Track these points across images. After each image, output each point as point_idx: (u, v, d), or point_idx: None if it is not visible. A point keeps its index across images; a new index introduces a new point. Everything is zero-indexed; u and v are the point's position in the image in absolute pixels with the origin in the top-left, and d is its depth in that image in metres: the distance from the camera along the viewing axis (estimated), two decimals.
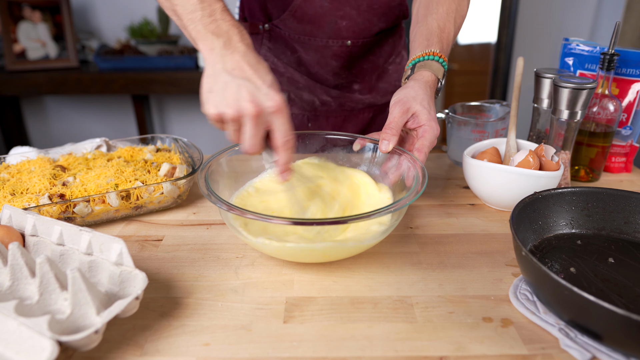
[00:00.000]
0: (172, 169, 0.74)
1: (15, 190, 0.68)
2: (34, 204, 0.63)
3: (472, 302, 0.51)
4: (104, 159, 0.78)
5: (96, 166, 0.75)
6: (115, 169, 0.72)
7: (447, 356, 0.44)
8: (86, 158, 0.80)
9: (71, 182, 0.70)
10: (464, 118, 0.89)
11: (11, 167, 0.77)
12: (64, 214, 0.64)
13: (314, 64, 0.96)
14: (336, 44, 0.92)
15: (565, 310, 0.44)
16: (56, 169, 0.74)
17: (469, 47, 3.46)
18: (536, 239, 0.58)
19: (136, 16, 2.33)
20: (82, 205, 0.64)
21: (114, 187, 0.67)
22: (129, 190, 0.67)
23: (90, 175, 0.71)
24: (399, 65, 1.03)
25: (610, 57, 0.76)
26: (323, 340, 0.46)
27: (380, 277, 0.56)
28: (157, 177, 0.72)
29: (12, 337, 0.40)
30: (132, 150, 0.82)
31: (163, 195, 0.69)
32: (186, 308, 0.50)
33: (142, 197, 0.68)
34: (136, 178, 0.70)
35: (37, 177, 0.71)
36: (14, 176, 0.73)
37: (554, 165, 0.69)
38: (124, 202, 0.67)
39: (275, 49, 0.97)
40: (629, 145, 0.85)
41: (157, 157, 0.81)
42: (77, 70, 2.13)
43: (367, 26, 0.92)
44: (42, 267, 0.46)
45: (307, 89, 0.99)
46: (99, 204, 0.65)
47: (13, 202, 0.64)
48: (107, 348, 0.45)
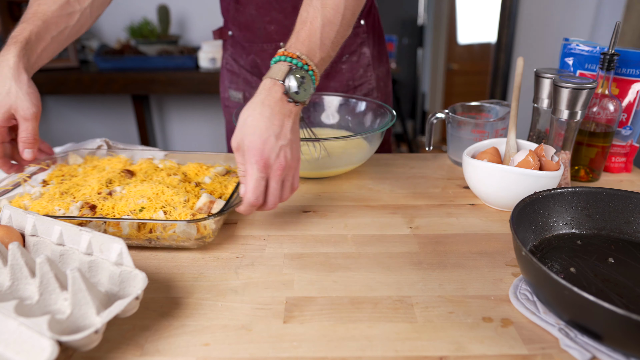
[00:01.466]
0: (210, 203, 0.63)
1: (69, 189, 0.66)
2: (63, 210, 0.61)
3: (472, 302, 0.51)
4: (166, 172, 0.71)
5: (152, 179, 0.69)
6: (158, 189, 0.64)
7: (447, 356, 0.44)
8: (156, 167, 0.74)
9: (117, 192, 0.66)
10: (464, 118, 0.89)
11: (93, 161, 0.76)
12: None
13: (262, 66, 1.02)
14: (270, 47, 0.97)
15: (565, 310, 0.45)
16: (122, 173, 0.71)
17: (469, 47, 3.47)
18: (536, 239, 0.58)
19: (136, 16, 2.33)
20: (94, 224, 0.60)
21: (139, 210, 0.61)
22: (142, 221, 0.59)
23: (133, 191, 0.65)
24: (356, 63, 1.02)
25: (610, 57, 0.76)
26: (323, 340, 0.46)
27: (380, 277, 0.56)
28: (192, 209, 0.63)
29: (12, 337, 0.40)
30: (200, 168, 0.74)
31: (176, 234, 0.59)
32: (186, 308, 0.50)
33: (155, 231, 0.60)
34: (163, 206, 0.62)
35: (96, 179, 0.68)
36: (86, 172, 0.72)
37: (554, 165, 0.69)
38: (134, 230, 0.60)
39: (235, 53, 1.05)
40: (629, 145, 0.85)
41: (217, 181, 0.71)
42: (77, 70, 2.13)
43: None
44: (42, 267, 0.46)
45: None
46: (113, 226, 0.60)
47: (53, 203, 0.62)
48: (107, 348, 0.45)
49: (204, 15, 2.37)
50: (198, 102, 2.55)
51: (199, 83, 2.10)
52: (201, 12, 2.37)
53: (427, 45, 3.59)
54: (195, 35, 2.41)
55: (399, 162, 0.93)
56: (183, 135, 2.64)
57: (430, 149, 0.97)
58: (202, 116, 2.58)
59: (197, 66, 2.17)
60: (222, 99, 1.13)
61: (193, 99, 2.55)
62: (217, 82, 2.09)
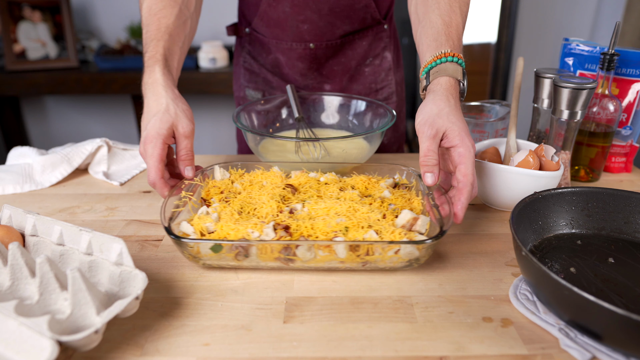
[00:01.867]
0: (412, 220, 0.58)
1: (243, 207, 0.62)
2: (257, 233, 0.55)
3: (472, 302, 0.51)
4: (336, 187, 0.67)
5: (327, 195, 0.65)
6: (348, 206, 0.60)
7: (447, 356, 0.44)
8: (318, 181, 0.70)
9: (298, 210, 0.61)
10: (464, 118, 0.89)
11: (245, 177, 0.71)
12: (284, 253, 0.54)
13: (284, 65, 1.00)
14: (300, 47, 0.96)
15: (565, 310, 0.44)
16: (286, 189, 0.66)
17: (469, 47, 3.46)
18: (536, 239, 0.58)
19: (136, 16, 2.33)
20: (305, 247, 0.54)
21: (343, 230, 0.55)
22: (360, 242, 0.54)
23: (320, 207, 0.61)
24: (378, 67, 1.03)
25: (610, 57, 0.76)
26: (323, 340, 0.46)
27: (380, 277, 0.56)
28: (394, 226, 0.57)
29: (12, 337, 0.40)
30: (368, 182, 0.70)
31: (397, 256, 0.54)
32: (186, 308, 0.50)
33: (374, 253, 0.54)
34: (370, 224, 0.57)
35: (267, 195, 0.63)
36: (246, 188, 0.67)
37: (554, 165, 0.69)
38: (350, 253, 0.54)
39: (254, 51, 1.03)
40: (629, 145, 0.85)
41: (400, 195, 0.66)
42: (77, 70, 2.13)
43: (330, 29, 0.93)
44: (42, 267, 0.46)
45: (279, 89, 1.03)
46: (323, 249, 0.54)
47: (240, 222, 0.57)
48: (107, 348, 0.45)
49: (204, 15, 2.36)
50: (198, 102, 2.55)
51: (199, 83, 2.10)
52: (201, 12, 2.36)
53: None
54: (196, 35, 2.41)
55: (399, 162, 0.93)
56: None
57: None
58: (202, 116, 2.58)
59: (197, 66, 2.17)
60: (237, 98, 1.10)
61: (193, 99, 2.55)
62: (217, 82, 2.09)
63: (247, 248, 0.54)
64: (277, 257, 0.55)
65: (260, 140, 0.85)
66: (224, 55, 2.16)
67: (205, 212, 0.61)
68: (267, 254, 0.54)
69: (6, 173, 0.81)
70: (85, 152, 0.85)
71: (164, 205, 0.58)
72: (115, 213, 0.72)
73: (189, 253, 0.55)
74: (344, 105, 0.97)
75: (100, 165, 0.86)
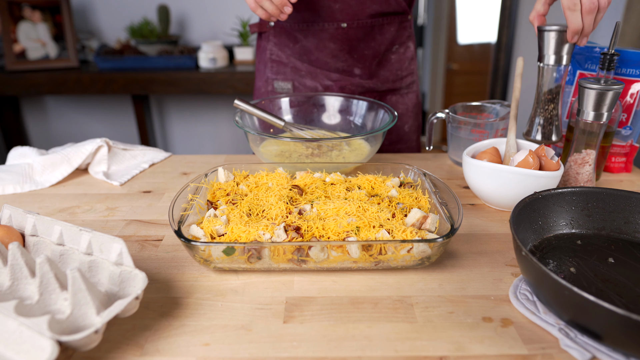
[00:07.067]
0: (422, 218, 0.59)
1: (251, 209, 0.62)
2: (269, 235, 0.55)
3: (472, 302, 0.51)
4: (343, 187, 0.68)
5: (334, 195, 0.66)
6: (357, 205, 0.60)
7: (447, 356, 0.44)
8: (323, 181, 0.70)
9: (307, 211, 0.61)
10: (464, 118, 0.89)
11: (250, 179, 0.71)
12: (297, 254, 0.54)
13: (314, 50, 1.02)
14: (332, 27, 0.98)
15: (565, 310, 0.44)
16: (293, 190, 0.66)
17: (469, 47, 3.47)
18: (536, 239, 0.58)
19: (136, 16, 2.33)
20: (318, 248, 0.54)
21: (355, 230, 0.56)
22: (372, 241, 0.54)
23: (329, 208, 0.61)
24: (402, 55, 1.07)
25: (610, 57, 0.76)
26: (323, 340, 0.46)
27: (380, 277, 0.56)
28: (404, 225, 0.58)
29: (12, 337, 0.40)
30: (375, 181, 0.70)
31: (410, 254, 0.55)
32: (186, 308, 0.50)
33: (386, 252, 0.55)
34: (381, 224, 0.57)
35: (274, 197, 0.63)
36: (252, 190, 0.67)
37: (554, 165, 0.69)
38: (363, 252, 0.54)
39: (280, 43, 1.06)
40: (629, 145, 0.85)
41: (407, 194, 0.66)
42: (77, 70, 2.13)
43: (361, 8, 0.96)
44: (42, 267, 0.46)
45: (309, 75, 1.05)
46: (336, 249, 0.54)
47: (250, 224, 0.57)
48: (107, 348, 0.45)
49: (204, 15, 2.37)
50: (198, 102, 2.55)
51: (199, 83, 2.10)
52: (201, 12, 2.37)
53: (427, 45, 3.60)
54: (195, 35, 2.41)
55: (399, 161, 0.93)
56: (183, 135, 2.64)
57: (430, 149, 0.97)
58: (202, 116, 2.58)
59: (197, 66, 2.17)
60: (263, 94, 1.09)
61: (193, 99, 2.55)
62: (217, 82, 2.09)
63: (259, 250, 0.54)
64: (289, 259, 0.55)
65: (262, 142, 0.85)
66: (224, 55, 2.16)
67: (213, 214, 0.61)
68: (279, 256, 0.54)
69: (6, 173, 0.81)
70: (86, 152, 0.85)
71: (171, 207, 0.57)
72: (115, 213, 0.72)
73: (200, 256, 0.54)
74: (344, 105, 0.97)
75: (100, 165, 0.86)
